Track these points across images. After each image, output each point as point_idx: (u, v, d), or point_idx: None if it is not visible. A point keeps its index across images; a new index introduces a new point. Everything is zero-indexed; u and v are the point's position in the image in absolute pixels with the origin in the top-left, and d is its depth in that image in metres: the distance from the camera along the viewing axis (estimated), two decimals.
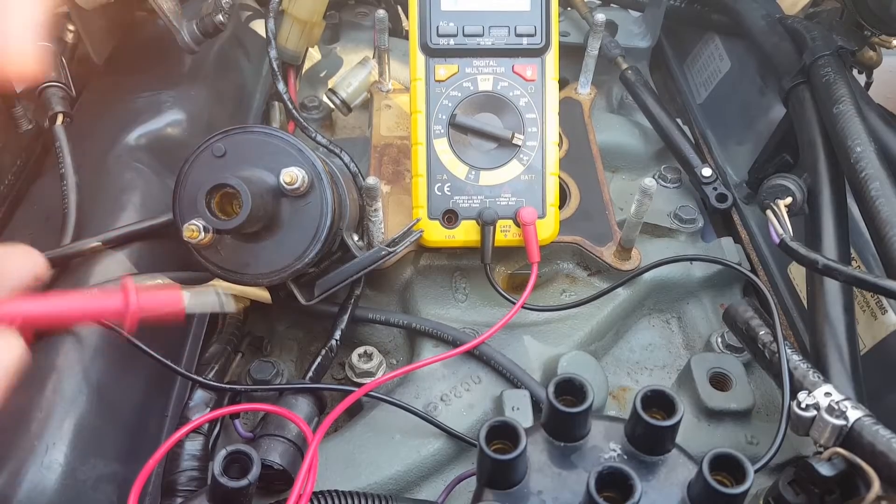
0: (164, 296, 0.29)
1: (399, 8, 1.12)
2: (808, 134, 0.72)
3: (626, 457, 0.49)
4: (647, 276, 0.75)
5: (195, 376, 0.61)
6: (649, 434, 0.48)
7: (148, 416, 0.61)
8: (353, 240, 0.67)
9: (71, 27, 0.80)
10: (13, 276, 0.24)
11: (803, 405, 0.52)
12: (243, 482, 0.49)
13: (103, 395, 0.54)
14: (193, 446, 0.60)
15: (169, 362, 0.57)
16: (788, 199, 0.67)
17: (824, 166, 0.69)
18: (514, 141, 0.69)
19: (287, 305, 0.67)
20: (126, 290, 0.27)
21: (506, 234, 0.70)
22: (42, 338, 0.51)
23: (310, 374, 0.65)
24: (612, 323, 0.75)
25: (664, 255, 0.73)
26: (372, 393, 0.62)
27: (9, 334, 0.25)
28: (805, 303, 0.71)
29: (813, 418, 0.51)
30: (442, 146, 0.70)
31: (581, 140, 0.87)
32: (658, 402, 0.48)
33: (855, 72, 0.83)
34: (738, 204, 0.87)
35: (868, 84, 0.86)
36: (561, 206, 0.77)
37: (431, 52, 0.70)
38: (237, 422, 0.62)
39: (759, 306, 0.65)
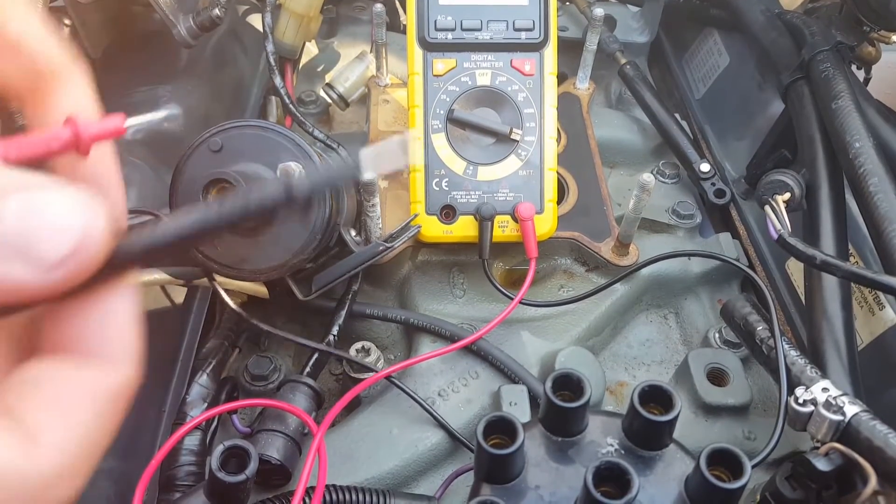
0: (107, 120, 0.30)
1: (397, 2, 1.12)
2: (807, 129, 0.72)
3: (623, 452, 0.49)
4: (644, 271, 0.75)
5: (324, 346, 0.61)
6: (647, 429, 0.48)
7: (145, 411, 0.61)
8: (351, 235, 0.67)
9: (67, 21, 0.80)
10: None
11: (801, 400, 0.52)
12: (241, 477, 0.49)
13: None
14: (191, 441, 0.60)
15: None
16: (787, 195, 0.67)
17: (823, 162, 0.69)
18: (513, 136, 0.69)
19: (285, 301, 0.67)
20: (73, 122, 0.28)
21: (504, 229, 0.70)
22: None
23: (307, 369, 0.65)
24: (609, 318, 0.75)
25: (662, 250, 0.73)
26: (392, 378, 0.63)
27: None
28: (803, 298, 0.71)
29: (810, 413, 0.51)
30: (440, 141, 0.69)
31: (579, 135, 0.87)
32: (655, 397, 0.48)
33: (854, 67, 0.82)
34: (736, 199, 0.87)
35: (867, 80, 0.86)
36: (559, 202, 0.76)
37: (429, 47, 0.69)
38: (235, 417, 0.62)
39: (757, 302, 0.65)
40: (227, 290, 0.71)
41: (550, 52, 0.70)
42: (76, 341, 0.23)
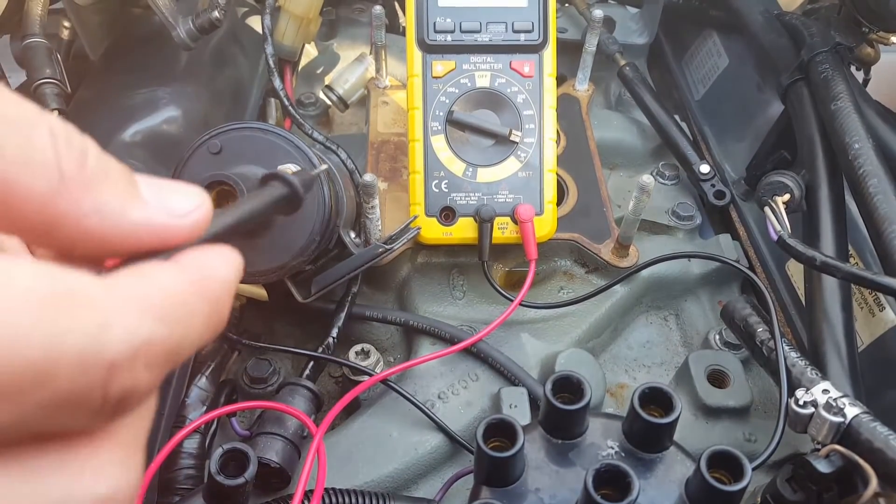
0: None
1: (396, 4, 1.12)
2: (807, 131, 0.72)
3: (623, 454, 0.49)
4: (644, 273, 0.75)
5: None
6: (647, 431, 0.48)
7: None
8: (350, 237, 0.66)
9: (66, 23, 0.80)
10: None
11: (801, 402, 0.52)
12: (240, 480, 0.49)
13: None
14: (190, 444, 0.59)
15: None
16: (786, 196, 0.67)
17: (822, 163, 0.69)
18: (512, 138, 0.69)
19: (284, 303, 0.66)
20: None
21: (503, 231, 0.70)
22: None
23: (306, 371, 0.64)
24: (609, 320, 0.75)
25: (662, 251, 0.73)
26: (389, 381, 0.63)
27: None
28: (803, 300, 0.71)
29: (811, 415, 0.51)
30: (439, 143, 0.69)
31: (579, 137, 0.87)
32: (656, 399, 0.48)
33: (853, 68, 0.82)
34: (736, 201, 0.87)
35: (866, 81, 0.86)
36: (559, 203, 0.76)
37: (428, 49, 0.69)
38: (234, 420, 0.62)
39: (757, 303, 0.65)
40: None
41: (549, 53, 0.70)
42: None
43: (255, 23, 0.96)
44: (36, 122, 0.20)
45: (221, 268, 0.25)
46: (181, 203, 0.24)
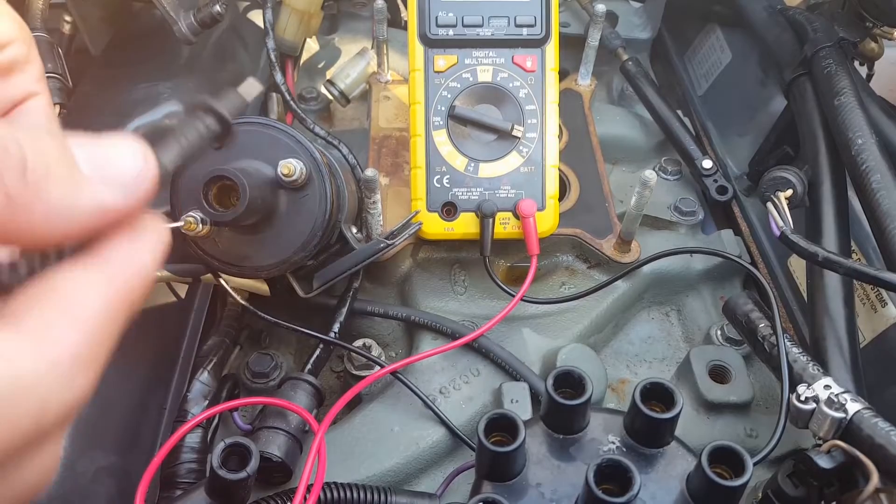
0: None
1: None
2: (809, 126, 0.72)
3: (625, 449, 0.49)
4: (646, 268, 0.75)
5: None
6: (648, 426, 0.48)
7: (146, 408, 0.61)
8: (352, 232, 0.66)
9: (67, 18, 0.80)
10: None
11: (803, 398, 0.52)
12: (242, 475, 0.49)
13: (101, 387, 0.53)
14: (192, 439, 0.60)
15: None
16: (789, 192, 0.67)
17: (825, 158, 0.68)
18: (514, 133, 0.69)
19: (286, 298, 0.67)
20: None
21: (505, 226, 0.70)
22: None
23: (308, 366, 0.65)
24: (611, 315, 0.75)
25: (664, 247, 0.73)
26: (398, 373, 0.63)
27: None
28: (805, 295, 0.71)
29: (812, 411, 0.51)
30: (441, 138, 0.69)
31: (581, 132, 0.86)
32: (657, 394, 0.48)
33: (856, 63, 0.82)
34: (738, 196, 0.87)
35: (869, 76, 0.86)
36: (561, 199, 0.76)
37: (430, 43, 0.69)
38: (236, 414, 0.62)
39: (759, 299, 0.65)
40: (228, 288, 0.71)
41: (552, 48, 0.70)
42: None
43: (256, 17, 0.96)
44: None
45: (144, 259, 0.26)
46: (124, 170, 0.25)
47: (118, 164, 0.25)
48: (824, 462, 0.49)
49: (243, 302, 0.64)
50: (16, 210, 0.22)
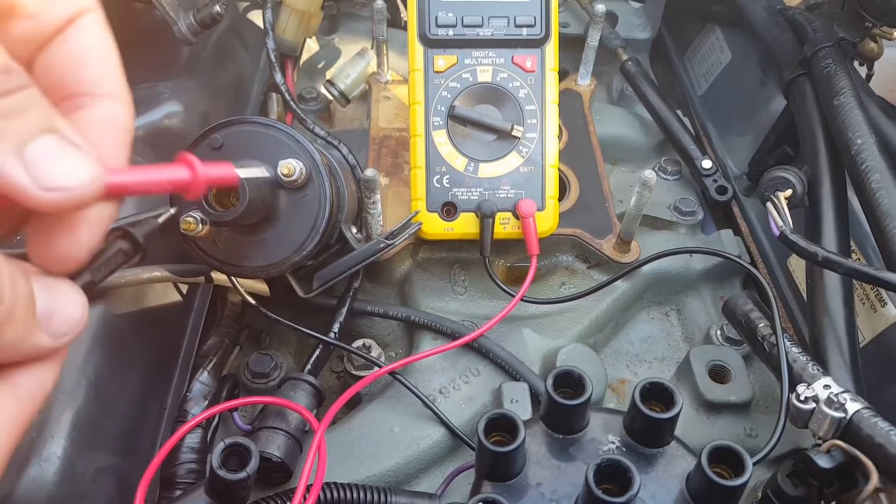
0: (221, 167, 0.33)
1: None
2: (809, 126, 0.72)
3: (624, 449, 0.49)
4: (646, 268, 0.75)
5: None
6: (648, 426, 0.48)
7: (146, 408, 0.61)
8: (352, 232, 0.66)
9: None
10: None
11: (802, 398, 0.52)
12: (242, 475, 0.49)
13: (101, 387, 0.54)
14: (192, 439, 0.60)
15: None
16: (789, 192, 0.67)
17: (825, 158, 0.68)
18: (514, 133, 0.69)
19: (286, 298, 0.67)
20: (191, 163, 0.31)
21: (505, 226, 0.70)
22: None
23: (308, 366, 0.65)
24: (611, 315, 0.75)
25: (664, 247, 0.73)
26: (396, 374, 0.63)
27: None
28: (805, 295, 0.71)
29: (812, 411, 0.51)
30: (441, 138, 0.69)
31: (581, 132, 0.86)
32: (657, 394, 0.48)
33: (856, 63, 0.82)
34: (738, 196, 0.87)
35: (869, 76, 0.86)
36: (560, 199, 0.76)
37: (430, 43, 0.69)
38: (236, 414, 0.62)
39: (759, 299, 0.65)
40: (228, 288, 0.71)
41: (552, 48, 0.70)
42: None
43: (256, 17, 0.96)
44: None
45: (44, 384, 0.29)
46: (65, 320, 0.28)
47: (64, 313, 0.28)
48: (824, 462, 0.49)
49: (248, 298, 0.64)
50: None
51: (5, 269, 0.25)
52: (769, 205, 0.65)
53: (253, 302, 0.64)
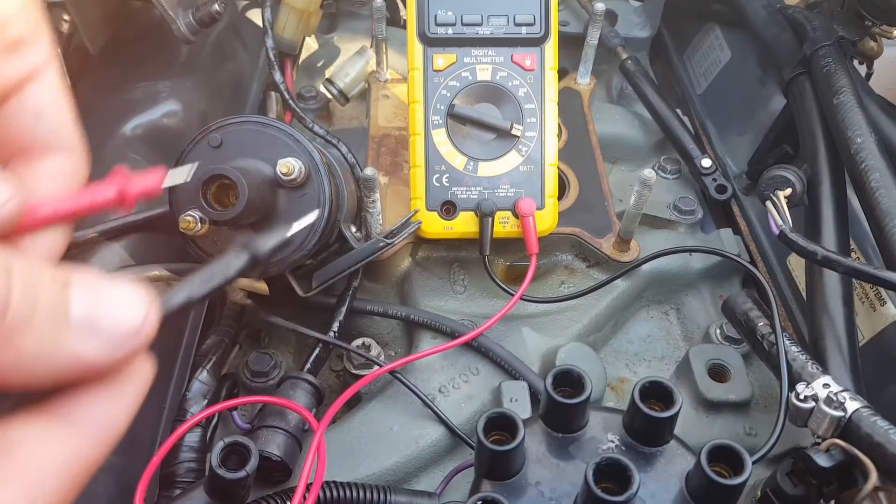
0: (148, 176, 0.32)
1: None
2: (809, 125, 0.72)
3: (624, 448, 0.49)
4: (645, 267, 0.75)
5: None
6: (647, 425, 0.48)
7: (145, 407, 0.61)
8: (351, 231, 0.66)
9: (66, 17, 0.80)
10: None
11: (802, 396, 0.52)
12: (241, 474, 0.49)
13: None
14: (191, 438, 0.60)
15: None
16: (788, 191, 0.67)
17: (824, 157, 0.68)
18: (513, 131, 0.69)
19: (285, 297, 0.66)
20: (119, 177, 0.30)
21: (504, 225, 0.70)
22: None
23: (308, 365, 0.64)
24: (610, 314, 0.75)
25: (663, 246, 0.73)
26: (396, 373, 0.63)
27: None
28: (804, 294, 0.71)
29: (811, 410, 0.51)
30: (440, 137, 0.69)
31: (580, 131, 0.86)
32: (656, 393, 0.48)
33: (856, 62, 0.82)
34: (737, 195, 0.87)
35: (869, 75, 0.85)
36: (560, 198, 0.76)
37: (430, 42, 0.69)
38: (235, 413, 0.62)
39: (758, 298, 0.65)
40: (228, 287, 0.71)
41: (551, 47, 0.70)
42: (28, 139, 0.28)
43: (255, 16, 0.96)
44: None
45: (111, 423, 0.24)
46: (118, 326, 0.23)
47: (115, 313, 0.23)
48: (823, 460, 0.49)
49: (247, 301, 0.64)
50: None
51: (18, 267, 0.21)
52: (769, 204, 0.65)
53: (249, 302, 0.64)
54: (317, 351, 0.65)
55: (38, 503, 0.21)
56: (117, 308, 0.24)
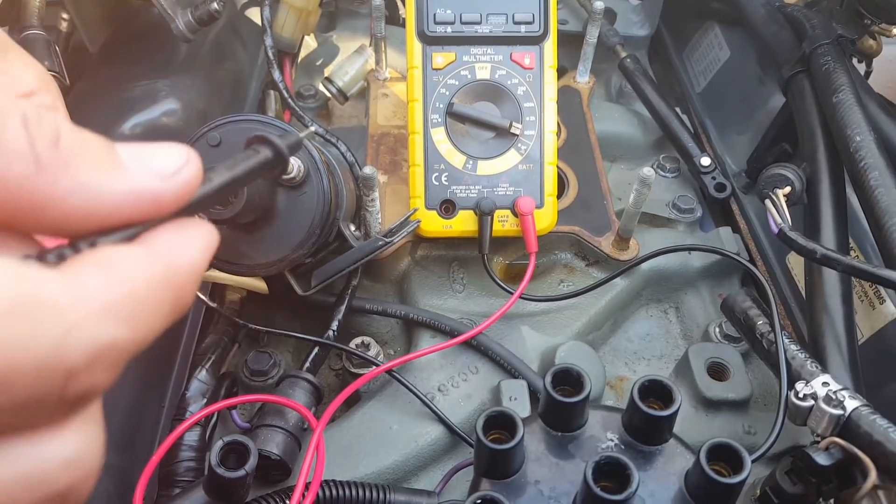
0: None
1: None
2: (808, 123, 0.72)
3: (623, 447, 0.49)
4: (644, 266, 0.75)
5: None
6: (647, 424, 0.48)
7: (144, 406, 0.61)
8: (350, 230, 0.66)
9: (65, 15, 0.80)
10: None
11: (801, 395, 0.52)
12: (240, 473, 0.49)
13: None
14: (191, 437, 0.60)
15: None
16: (787, 189, 0.67)
17: (823, 156, 0.68)
18: (512, 130, 0.69)
19: (284, 296, 0.66)
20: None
21: (503, 224, 0.70)
22: None
23: (307, 364, 0.64)
24: (609, 313, 0.75)
25: (662, 244, 0.73)
26: (393, 372, 0.63)
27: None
28: (803, 293, 0.71)
29: (810, 408, 0.51)
30: (439, 135, 0.69)
31: (579, 129, 0.86)
32: (655, 391, 0.48)
33: (855, 61, 0.82)
34: (736, 193, 0.87)
35: (868, 73, 0.85)
36: (559, 196, 0.76)
37: (428, 40, 0.69)
38: (234, 412, 0.62)
39: (758, 296, 0.64)
40: (227, 286, 0.71)
41: (550, 45, 0.70)
42: None
43: (254, 15, 0.95)
44: (7, 111, 0.21)
45: (192, 249, 0.24)
46: (166, 163, 0.24)
47: (160, 157, 0.24)
48: (822, 459, 0.49)
49: (236, 315, 0.63)
50: (41, 176, 0.20)
51: (62, 107, 0.22)
52: (768, 202, 0.65)
53: (238, 314, 0.64)
54: (316, 350, 0.65)
55: (122, 296, 0.21)
56: (160, 153, 0.24)
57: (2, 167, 0.20)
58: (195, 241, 0.24)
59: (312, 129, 0.39)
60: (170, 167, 0.24)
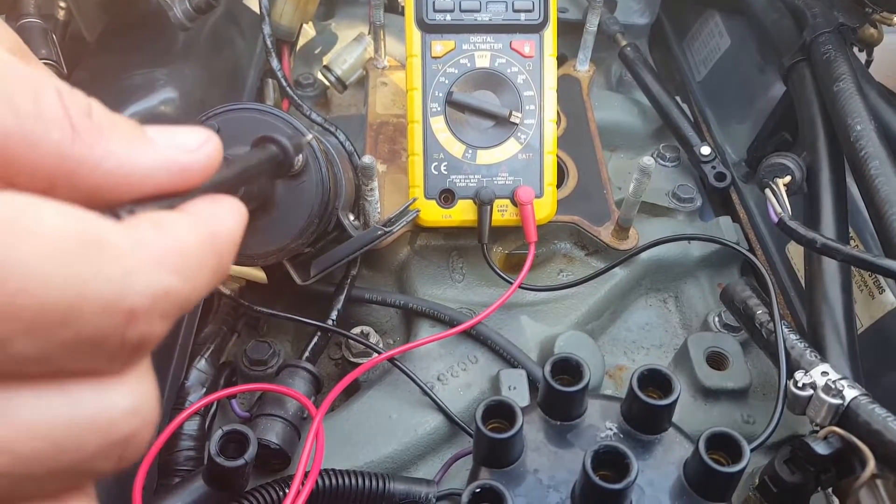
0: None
1: None
2: (808, 112, 0.71)
3: (622, 436, 0.49)
4: (644, 255, 0.74)
5: None
6: (646, 413, 0.49)
7: None
8: (349, 219, 0.66)
9: (62, 3, 0.79)
10: None
11: (800, 384, 0.52)
12: (240, 462, 0.49)
13: None
14: (190, 426, 0.60)
15: None
16: (787, 178, 0.67)
17: (824, 145, 0.68)
18: (512, 119, 0.68)
19: (283, 286, 0.66)
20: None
21: (503, 213, 0.69)
22: None
23: (306, 353, 0.65)
24: (609, 302, 0.75)
25: (662, 234, 0.73)
26: (395, 360, 0.63)
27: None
28: (803, 282, 0.71)
29: (809, 397, 0.51)
30: (438, 124, 0.69)
31: (579, 118, 0.86)
32: (654, 380, 0.49)
33: (855, 49, 0.82)
34: (736, 183, 0.86)
35: (868, 62, 0.85)
36: (559, 186, 0.76)
37: (428, 28, 0.69)
38: (234, 401, 0.62)
39: (757, 285, 0.64)
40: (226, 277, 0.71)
41: (550, 33, 0.70)
42: None
43: (252, 3, 0.95)
44: (43, 82, 0.22)
45: (229, 219, 0.26)
46: (189, 139, 0.25)
47: (183, 134, 0.25)
48: (821, 448, 0.49)
49: (240, 301, 0.63)
50: (78, 141, 0.22)
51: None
52: (768, 191, 0.65)
53: (243, 300, 0.64)
54: (315, 339, 0.65)
55: (173, 250, 0.22)
56: (181, 129, 0.26)
57: (41, 133, 0.21)
58: (232, 212, 0.26)
59: (309, 137, 0.40)
60: (193, 143, 0.25)
